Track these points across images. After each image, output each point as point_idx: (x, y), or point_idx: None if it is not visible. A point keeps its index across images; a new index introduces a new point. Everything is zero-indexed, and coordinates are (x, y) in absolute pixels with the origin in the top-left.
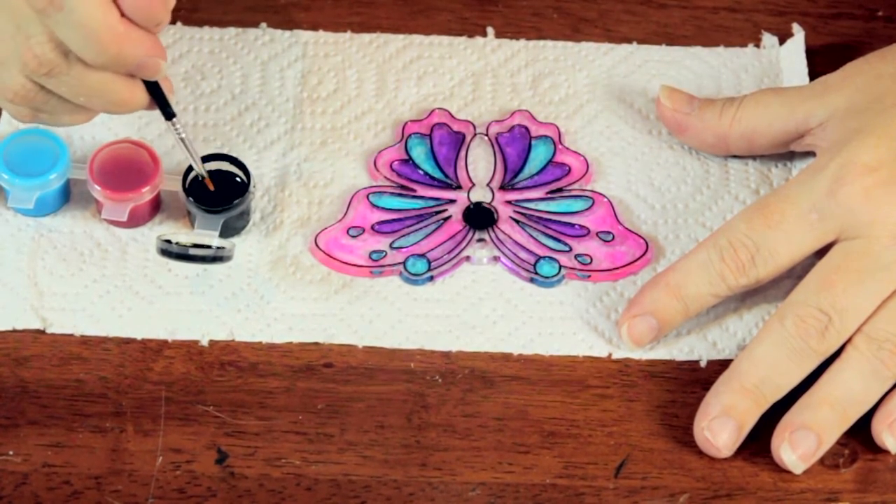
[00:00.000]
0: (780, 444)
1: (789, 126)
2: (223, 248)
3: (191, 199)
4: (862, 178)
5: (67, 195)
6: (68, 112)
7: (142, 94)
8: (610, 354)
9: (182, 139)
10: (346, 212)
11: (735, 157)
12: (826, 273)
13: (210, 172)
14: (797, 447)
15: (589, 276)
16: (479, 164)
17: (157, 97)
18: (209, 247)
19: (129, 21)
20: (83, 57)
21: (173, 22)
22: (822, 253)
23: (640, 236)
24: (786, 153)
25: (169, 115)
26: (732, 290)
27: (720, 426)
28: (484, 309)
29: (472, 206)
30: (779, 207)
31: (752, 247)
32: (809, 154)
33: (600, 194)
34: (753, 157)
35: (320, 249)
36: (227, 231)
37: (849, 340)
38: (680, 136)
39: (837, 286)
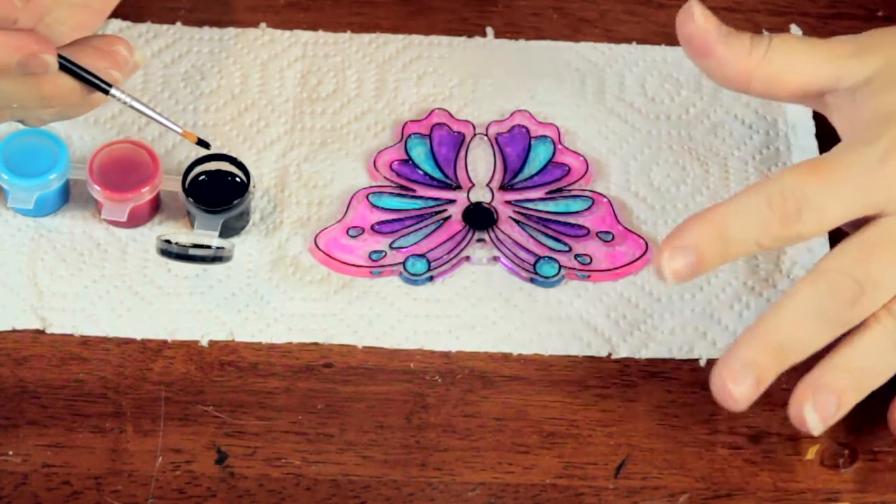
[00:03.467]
0: (805, 403)
1: (817, 81)
2: (223, 248)
3: (190, 199)
4: None
5: (67, 195)
6: (27, 115)
7: (66, 82)
8: (610, 354)
9: (133, 107)
10: (346, 212)
11: (735, 155)
12: (865, 245)
13: (210, 172)
14: (822, 408)
15: (589, 276)
16: (479, 164)
17: (82, 78)
18: (209, 247)
19: None
20: None
21: (173, 22)
22: (854, 228)
23: (639, 236)
24: (786, 154)
25: (104, 89)
26: (773, 242)
27: (740, 379)
28: (484, 309)
29: (471, 207)
30: (832, 167)
31: (802, 198)
32: (812, 153)
33: (600, 194)
34: (753, 158)
35: (320, 250)
36: (227, 231)
37: (872, 314)
38: (700, 61)
39: (875, 260)
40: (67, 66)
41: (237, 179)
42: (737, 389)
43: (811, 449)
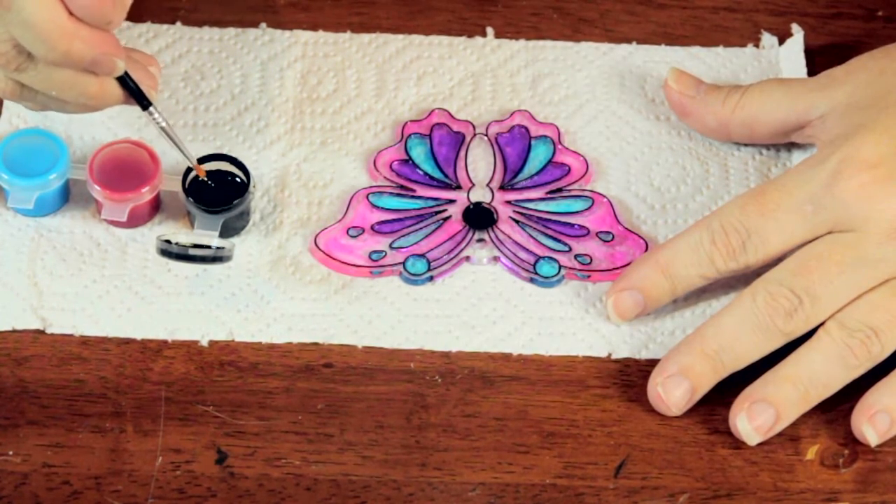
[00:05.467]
0: (738, 413)
1: (790, 117)
2: (223, 248)
3: (190, 199)
4: (860, 173)
5: (67, 195)
6: (62, 106)
7: (113, 88)
8: (610, 354)
9: (163, 128)
10: (346, 212)
11: (735, 155)
12: (807, 258)
13: (210, 172)
14: (754, 418)
15: (589, 276)
16: (479, 164)
17: (130, 89)
18: (209, 247)
19: (78, 20)
20: (35, 54)
21: (173, 22)
22: None
23: (639, 236)
24: (786, 155)
25: (145, 105)
26: (721, 273)
27: (675, 384)
28: (484, 309)
29: (471, 206)
30: (774, 196)
31: (744, 232)
32: (811, 152)
33: (600, 194)
34: (753, 158)
35: (320, 250)
36: (227, 231)
37: (822, 325)
38: (684, 119)
39: (814, 273)
40: (124, 75)
41: (237, 179)
42: (671, 394)
43: (811, 449)
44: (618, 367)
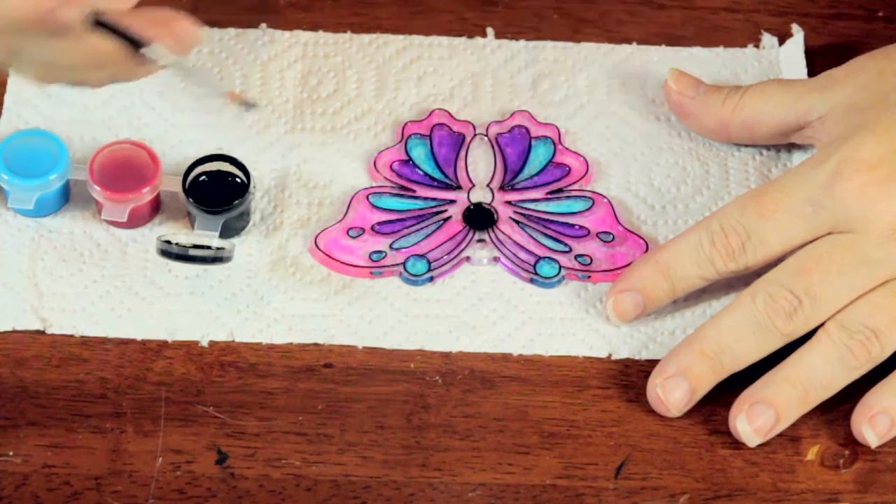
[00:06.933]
0: (738, 415)
1: (790, 117)
2: (223, 248)
3: (191, 199)
4: (860, 174)
5: (67, 196)
6: (83, 77)
7: (106, 41)
8: (610, 355)
9: (168, 65)
10: (346, 212)
11: (735, 155)
12: (806, 259)
13: (210, 173)
14: (754, 420)
15: (589, 277)
16: (479, 164)
17: (119, 35)
18: (209, 247)
19: None
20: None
21: None
22: None
23: (639, 237)
24: (786, 155)
25: (137, 46)
26: (721, 274)
27: (674, 385)
28: (484, 309)
29: (471, 207)
30: (774, 197)
31: (744, 233)
32: (811, 153)
33: (600, 195)
34: (753, 158)
35: (320, 250)
36: (227, 232)
37: (822, 325)
38: (683, 120)
39: (814, 274)
40: (103, 25)
41: (237, 180)
42: (671, 395)
43: (811, 449)
44: (618, 368)
